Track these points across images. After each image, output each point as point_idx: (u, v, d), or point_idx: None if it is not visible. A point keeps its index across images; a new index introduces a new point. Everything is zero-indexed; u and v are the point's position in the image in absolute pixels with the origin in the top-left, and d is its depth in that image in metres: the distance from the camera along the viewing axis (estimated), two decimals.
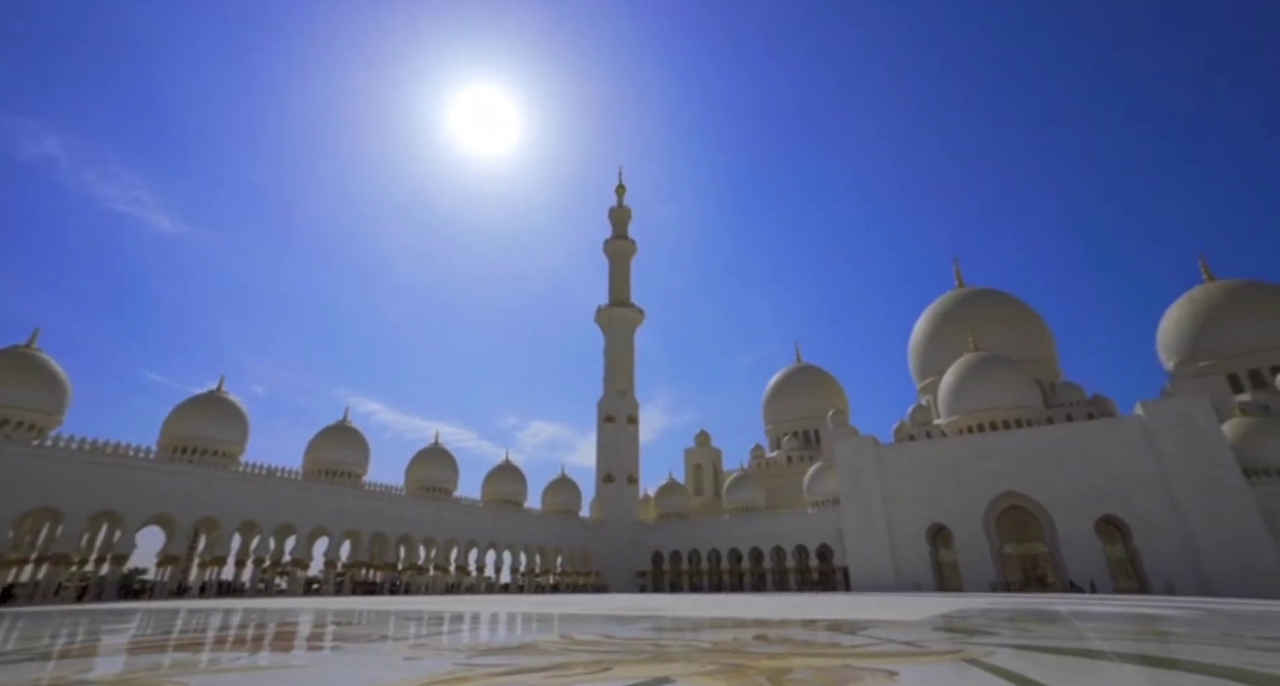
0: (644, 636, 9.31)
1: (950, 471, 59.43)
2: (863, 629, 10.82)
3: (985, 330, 75.97)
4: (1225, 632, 10.61)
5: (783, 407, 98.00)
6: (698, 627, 11.55)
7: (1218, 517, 47.52)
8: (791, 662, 6.09)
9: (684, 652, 7.06)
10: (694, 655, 6.78)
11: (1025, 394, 64.56)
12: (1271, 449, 52.26)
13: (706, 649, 7.41)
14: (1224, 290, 72.73)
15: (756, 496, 78.35)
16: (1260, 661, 6.34)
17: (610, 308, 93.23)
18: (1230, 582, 45.16)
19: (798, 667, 5.71)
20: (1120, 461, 52.57)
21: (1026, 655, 6.92)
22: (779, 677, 5.09)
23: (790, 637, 9.11)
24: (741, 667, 5.71)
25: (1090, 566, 50.96)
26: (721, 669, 5.66)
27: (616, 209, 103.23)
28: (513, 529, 66.46)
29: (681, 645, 8.01)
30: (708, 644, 8.03)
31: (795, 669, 5.63)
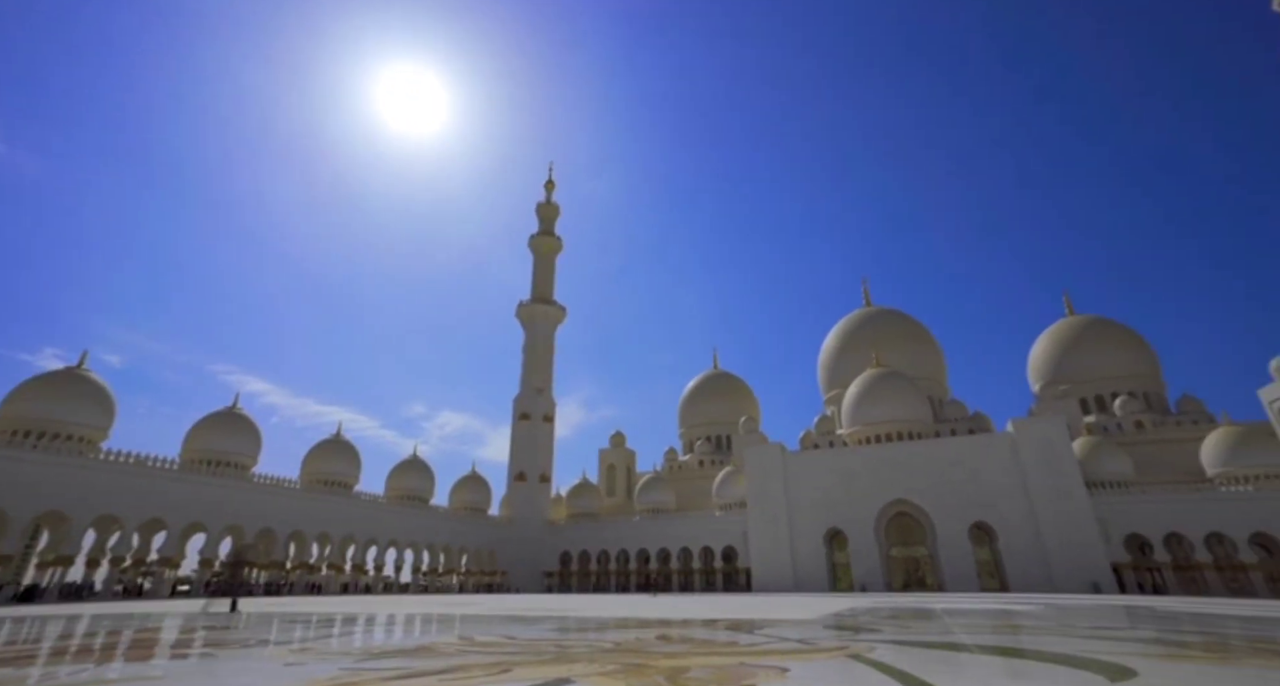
0: (547, 637, 9.23)
1: (848, 479, 63.32)
2: (760, 628, 11.29)
3: (887, 348, 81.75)
4: (1063, 624, 12.03)
5: (697, 412, 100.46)
6: (602, 628, 11.60)
7: (1063, 523, 53.80)
8: (690, 661, 6.25)
9: (586, 653, 7.07)
10: (596, 655, 6.81)
11: (918, 409, 70.06)
12: (1107, 464, 59.87)
13: (609, 649, 7.46)
14: (1081, 324, 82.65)
15: (667, 498, 79.75)
16: (1088, 648, 7.27)
17: (532, 304, 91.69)
18: (1070, 579, 51.34)
19: (695, 666, 5.88)
20: (992, 472, 58.27)
21: (903, 649, 7.51)
22: (677, 676, 5.22)
23: (691, 637, 9.35)
24: (641, 667, 5.80)
25: (962, 568, 56.06)
26: (622, 668, 5.72)
27: (544, 204, 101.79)
28: (417, 526, 63.64)
29: (584, 645, 8.01)
30: (610, 644, 8.08)
31: (693, 667, 5.79)
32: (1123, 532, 53.30)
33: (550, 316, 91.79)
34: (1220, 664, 6.21)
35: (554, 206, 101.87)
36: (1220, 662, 6.31)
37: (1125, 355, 77.12)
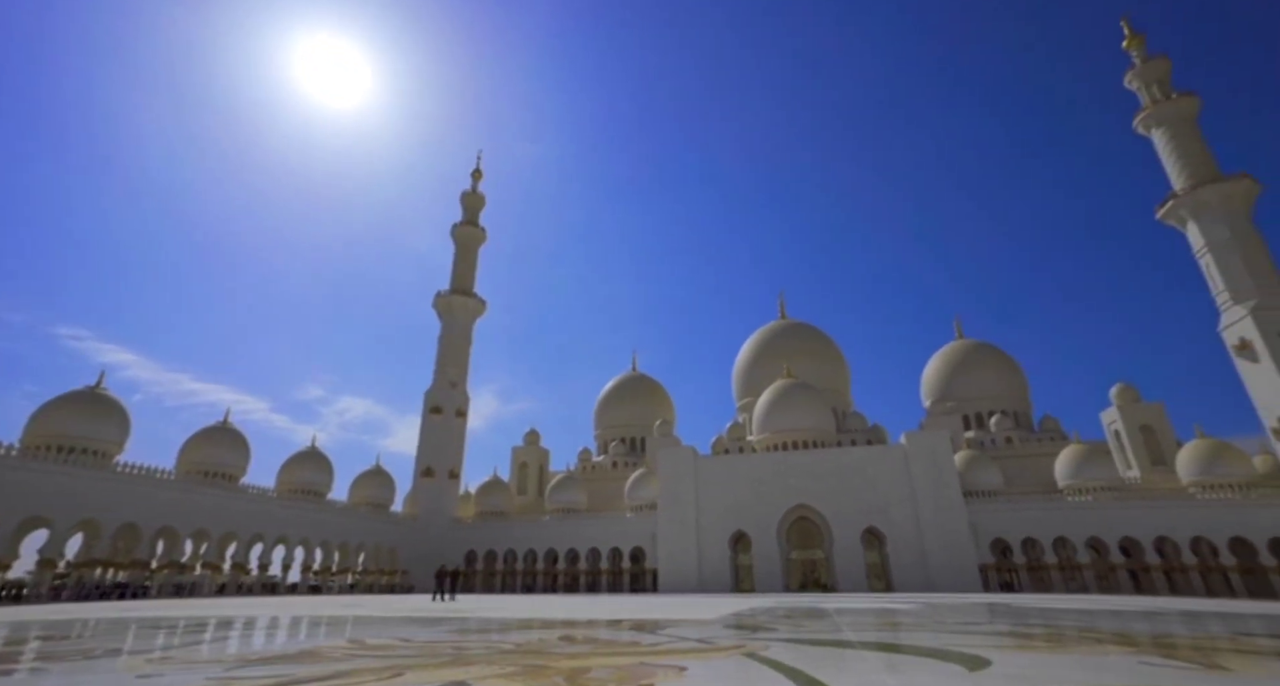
0: (445, 639, 8.92)
1: (755, 484, 65.84)
2: (663, 628, 11.49)
3: (798, 360, 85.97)
4: (935, 620, 13.14)
5: (614, 413, 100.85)
6: (505, 629, 11.37)
7: (942, 528, 58.84)
8: (591, 662, 6.26)
9: (485, 655, 6.90)
10: (495, 657, 6.66)
11: (823, 419, 74.13)
12: (981, 475, 66.15)
13: (509, 650, 7.32)
14: (967, 348, 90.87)
15: (579, 499, 79.41)
16: (955, 642, 8.00)
17: (451, 295, 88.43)
18: (945, 580, 56.19)
19: (596, 666, 5.90)
20: (886, 481, 62.64)
21: (795, 647, 7.91)
22: (577, 677, 5.22)
23: (595, 637, 9.37)
24: (541, 668, 5.74)
25: (854, 570, 59.83)
26: (521, 670, 5.64)
27: (470, 194, 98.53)
28: (310, 522, 59.35)
29: (484, 647, 7.81)
30: (511, 645, 7.94)
31: (594, 668, 5.81)
32: (989, 537, 58.96)
33: (469, 309, 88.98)
34: (1057, 652, 7.02)
35: (479, 196, 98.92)
36: (1057, 651, 7.13)
37: (1001, 377, 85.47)
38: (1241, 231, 58.95)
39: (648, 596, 45.00)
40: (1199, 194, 61.12)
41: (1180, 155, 64.52)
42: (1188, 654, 7.27)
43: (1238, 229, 59.02)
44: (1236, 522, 52.76)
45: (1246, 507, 53.04)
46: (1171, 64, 69.01)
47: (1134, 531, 55.34)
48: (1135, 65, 70.53)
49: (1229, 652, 7.39)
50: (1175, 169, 64.78)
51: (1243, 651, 7.56)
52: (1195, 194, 61.36)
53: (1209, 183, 61.23)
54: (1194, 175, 62.77)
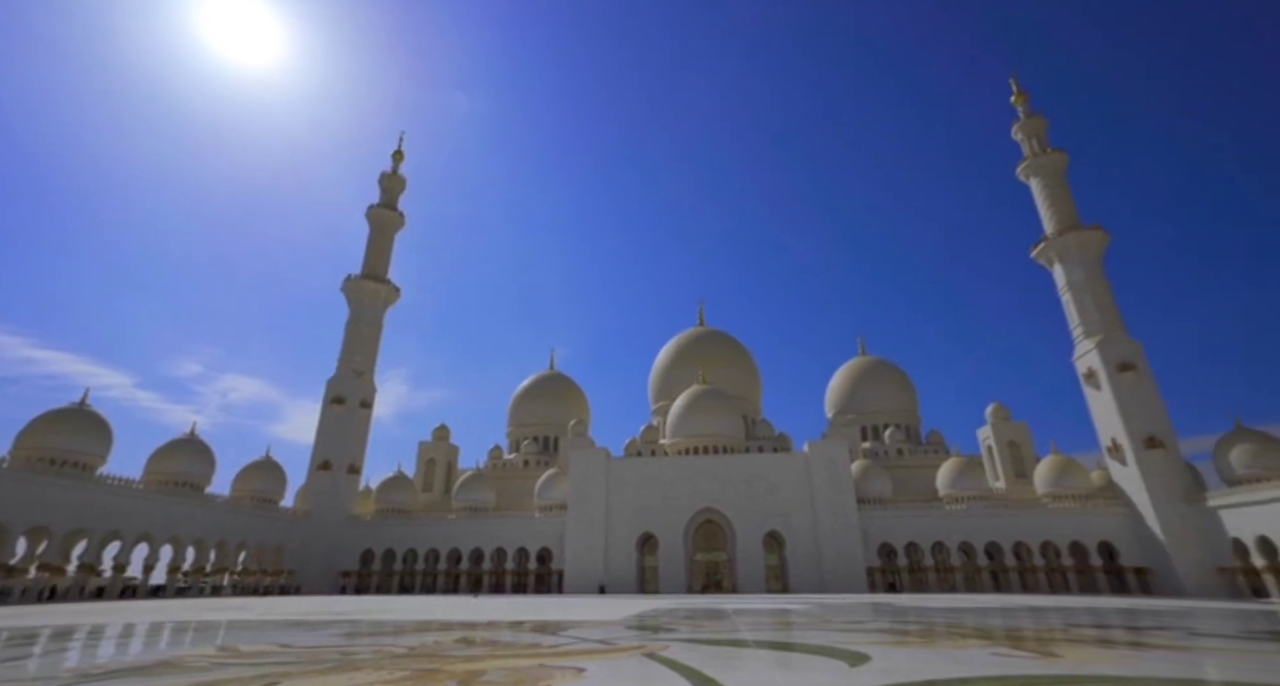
0: (331, 643, 8.38)
1: (665, 487, 66.99)
2: (566, 629, 11.42)
3: (713, 367, 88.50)
4: (825, 620, 13.96)
5: (528, 411, 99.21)
6: (399, 631, 10.85)
7: (837, 533, 62.58)
8: (487, 664, 6.12)
9: (374, 659, 6.56)
10: (385, 661, 6.35)
11: (734, 426, 76.71)
12: (873, 484, 71.07)
13: (401, 654, 7.00)
14: (869, 364, 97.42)
15: (488, 497, 77.33)
16: (841, 640, 8.54)
17: (361, 280, 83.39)
18: (837, 581, 59.81)
19: (492, 669, 5.77)
20: (788, 487, 65.73)
21: (693, 647, 8.12)
22: (471, 681, 5.08)
23: (495, 639, 9.15)
24: (433, 673, 5.54)
25: (754, 571, 62.28)
26: (412, 675, 5.42)
27: (390, 175, 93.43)
28: (182, 518, 53.53)
29: (374, 651, 7.42)
30: (404, 649, 7.59)
31: (489, 670, 5.68)
32: (877, 541, 63.39)
33: (381, 296, 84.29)
34: (927, 647, 7.67)
35: (400, 179, 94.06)
36: (927, 646, 7.79)
37: (897, 393, 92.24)
38: (1094, 275, 67.25)
39: (553, 597, 44.52)
40: (1063, 239, 69.15)
41: (1051, 203, 72.69)
42: (1031, 644, 8.18)
43: (1091, 272, 67.28)
44: (1075, 529, 60.00)
45: (1083, 516, 60.48)
46: (1048, 122, 77.72)
47: (997, 536, 61.48)
48: (1020, 119, 78.82)
49: (1062, 642, 8.41)
50: (1047, 215, 72.88)
51: (1072, 640, 8.62)
52: (1060, 239, 69.36)
53: (1071, 230, 69.42)
54: (1060, 222, 70.95)
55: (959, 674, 5.41)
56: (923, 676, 5.21)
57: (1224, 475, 55.21)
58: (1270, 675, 5.77)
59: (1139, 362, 61.17)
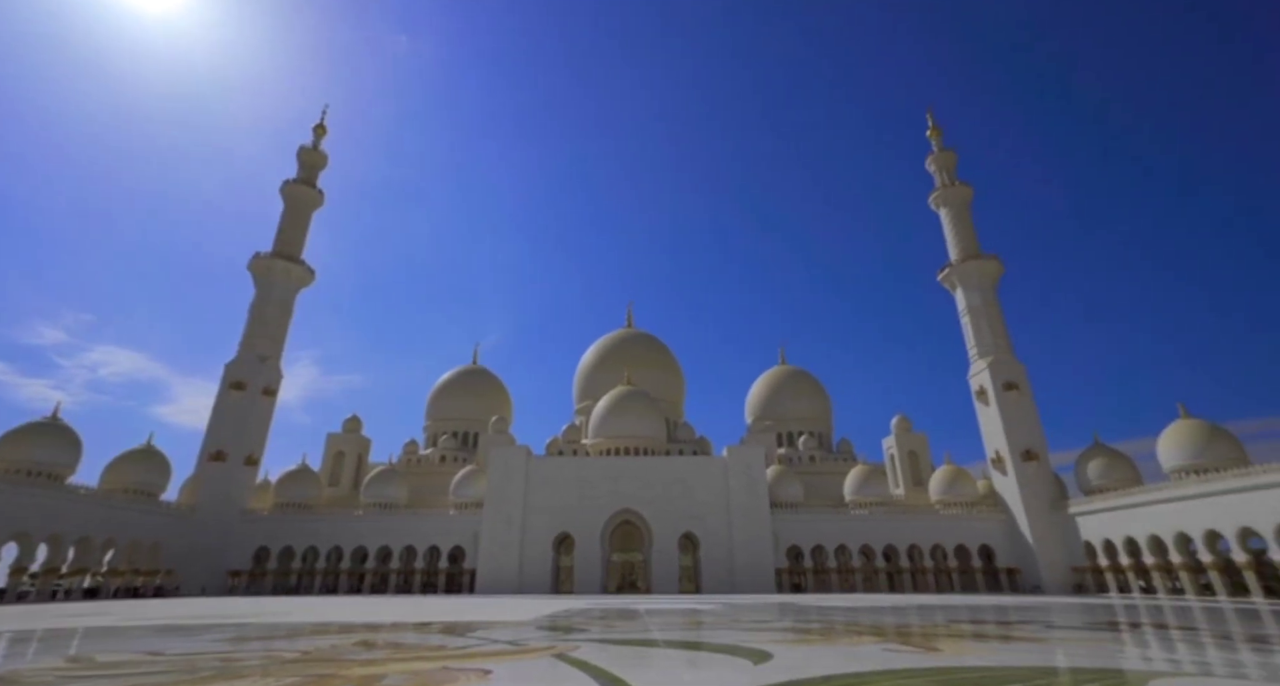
0: (212, 650, 7.73)
1: (585, 487, 66.76)
2: (475, 630, 11.13)
3: (638, 368, 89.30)
4: (733, 619, 14.41)
5: (448, 406, 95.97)
6: (294, 635, 10.17)
7: (749, 535, 64.79)
8: (388, 668, 5.87)
9: (260, 666, 6.11)
10: (273, 668, 5.93)
11: (656, 428, 77.67)
12: (786, 489, 74.19)
13: (292, 660, 6.57)
14: (787, 373, 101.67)
15: (399, 493, 73.99)
16: (746, 638, 8.85)
17: (272, 258, 77.49)
18: (747, 582, 61.88)
19: (393, 673, 5.54)
20: (706, 490, 67.31)
21: (604, 647, 8.14)
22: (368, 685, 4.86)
23: (399, 642, 8.78)
24: (326, 679, 5.25)
25: (669, 572, 63.27)
26: (303, 681, 5.10)
27: (309, 150, 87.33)
28: (31, 511, 47.39)
29: (262, 657, 6.91)
30: (296, 653, 7.12)
31: (390, 675, 5.45)
32: (786, 544, 66.18)
33: (293, 277, 78.75)
34: (826, 644, 8.10)
35: (321, 155, 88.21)
36: (826, 643, 8.22)
37: (813, 402, 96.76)
38: (989, 300, 73.64)
39: (465, 597, 43.20)
40: (964, 266, 75.29)
41: (956, 232, 78.94)
42: (917, 640, 8.82)
43: (986, 298, 73.64)
44: (961, 533, 65.41)
45: (968, 521, 66.03)
46: (958, 157, 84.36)
47: (894, 540, 65.87)
48: (934, 152, 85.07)
49: (943, 637, 9.14)
50: (952, 243, 79.08)
51: (952, 635, 9.39)
52: (962, 266, 75.48)
53: (972, 258, 75.71)
54: (963, 250, 77.19)
55: (853, 668, 5.75)
56: (820, 672, 5.49)
57: (1083, 486, 61.85)
58: (1103, 659, 6.63)
59: (1022, 382, 67.40)
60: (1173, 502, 48.62)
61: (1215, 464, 50.27)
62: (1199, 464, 51.52)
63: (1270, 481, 41.48)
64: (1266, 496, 41.70)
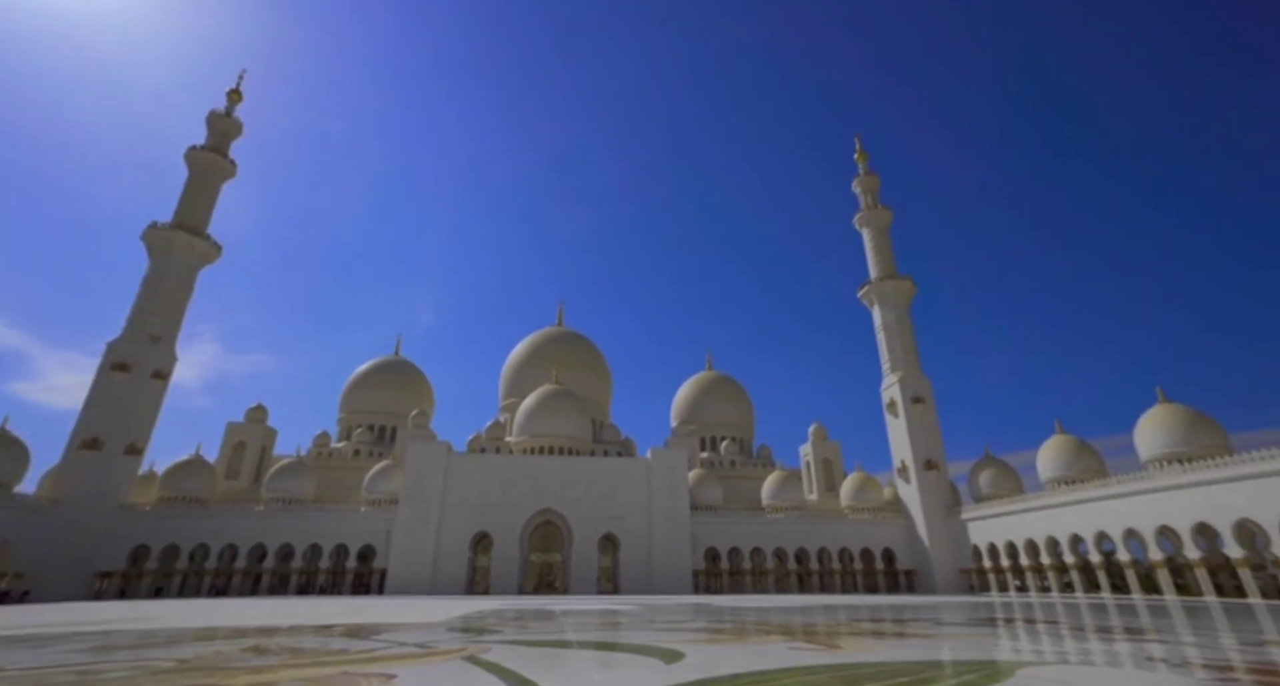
0: (65, 663, 6.93)
1: (507, 485, 65.47)
2: (382, 632, 10.64)
3: (567, 367, 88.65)
4: (648, 620, 14.56)
5: (365, 397, 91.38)
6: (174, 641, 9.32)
7: (668, 537, 65.79)
8: (280, 675, 5.49)
9: (127, 677, 5.55)
10: (141, 680, 5.40)
11: (582, 427, 77.30)
12: (707, 492, 76.00)
13: (167, 670, 6.00)
14: (713, 378, 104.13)
15: (306, 488, 69.58)
16: (660, 638, 8.97)
17: (173, 230, 70.76)
18: (664, 583, 62.75)
19: (286, 681, 5.19)
20: (628, 491, 67.69)
21: (516, 648, 8.00)
22: None
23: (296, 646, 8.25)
24: None
25: (587, 573, 63.09)
26: None
27: (221, 116, 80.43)
28: None
29: (131, 668, 6.27)
30: (173, 663, 6.52)
31: (282, 682, 5.10)
32: (704, 546, 67.68)
33: (196, 252, 72.30)
34: (737, 643, 8.34)
35: (235, 122, 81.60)
36: (737, 643, 8.47)
37: (736, 407, 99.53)
38: (902, 318, 78.68)
39: (373, 598, 41.11)
40: (881, 285, 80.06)
41: (876, 252, 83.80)
42: (822, 638, 9.26)
43: (900, 316, 78.64)
44: (866, 537, 69.41)
45: (874, 526, 70.16)
46: (881, 180, 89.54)
47: (806, 543, 68.86)
48: (860, 175, 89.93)
49: (845, 635, 9.66)
50: (872, 262, 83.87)
51: (853, 633, 9.94)
52: (880, 285, 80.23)
53: (889, 278, 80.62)
54: (882, 270, 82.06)
55: (760, 666, 5.95)
56: (729, 670, 5.65)
57: (974, 494, 67.21)
58: (981, 652, 7.26)
59: (927, 397, 72.35)
60: (1046, 510, 53.76)
61: (1082, 475, 56.13)
62: (1069, 475, 57.31)
63: (1121, 491, 46.80)
64: (1117, 504, 46.99)
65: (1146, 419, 51.22)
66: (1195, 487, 41.42)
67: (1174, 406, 50.59)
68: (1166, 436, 49.17)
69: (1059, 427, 61.68)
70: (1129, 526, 45.99)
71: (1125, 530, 46.37)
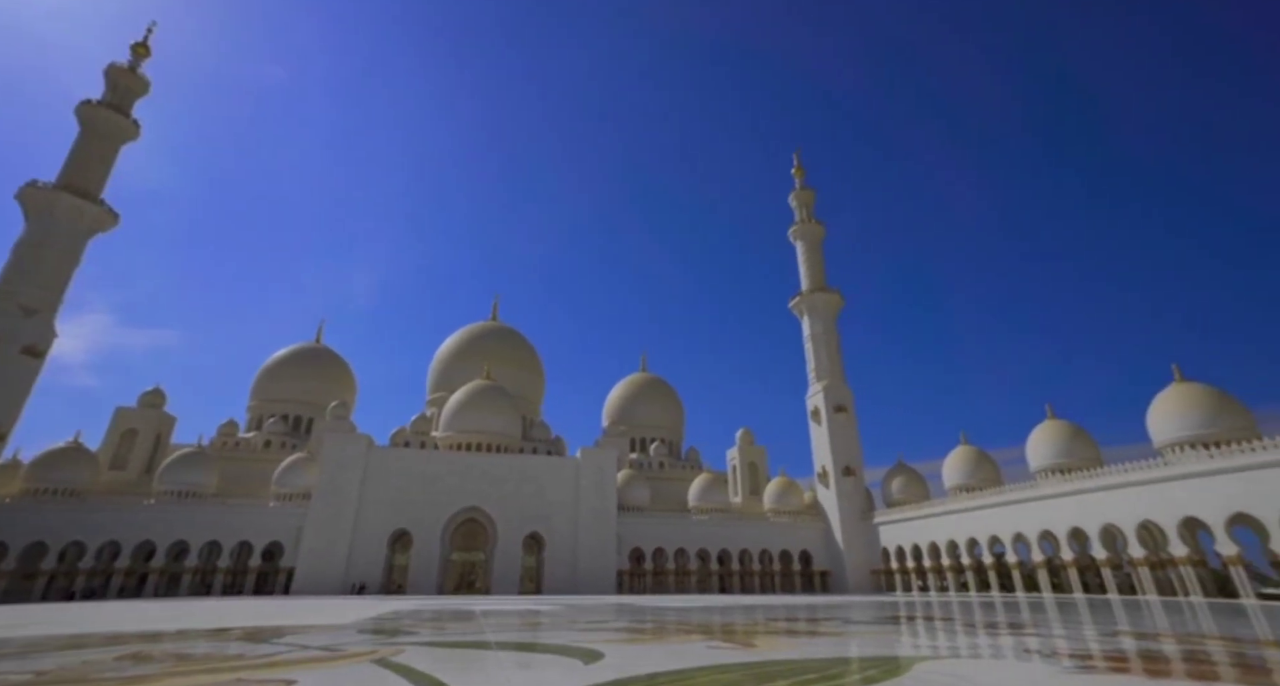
0: None
1: (431, 482, 63.26)
2: (285, 635, 10.01)
3: (499, 363, 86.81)
4: (570, 620, 14.47)
5: (280, 385, 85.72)
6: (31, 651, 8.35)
7: (595, 537, 65.71)
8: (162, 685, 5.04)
9: None
10: None
11: (511, 425, 75.86)
12: (635, 493, 76.55)
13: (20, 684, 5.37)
14: (646, 380, 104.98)
15: (208, 480, 64.43)
16: (581, 639, 8.93)
17: (57, 191, 63.35)
18: (589, 583, 62.58)
19: None
20: (556, 490, 67.04)
21: (431, 650, 7.73)
22: None
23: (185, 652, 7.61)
24: None
25: (510, 572, 61.89)
26: None
27: (123, 70, 72.25)
28: None
29: None
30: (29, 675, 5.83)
31: None
32: (630, 546, 68.03)
33: (86, 218, 65.13)
34: (656, 643, 8.43)
35: (139, 79, 74.05)
36: (657, 642, 8.56)
37: (667, 410, 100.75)
38: (829, 329, 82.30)
39: (279, 599, 38.52)
40: (811, 297, 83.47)
41: (808, 265, 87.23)
42: (739, 637, 9.52)
43: (827, 327, 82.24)
44: (786, 539, 72.06)
45: (794, 529, 72.96)
46: (815, 195, 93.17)
47: (728, 544, 70.64)
48: (796, 189, 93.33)
49: (761, 633, 9.97)
50: (804, 274, 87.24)
51: (769, 632, 10.28)
52: (810, 297, 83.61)
53: (819, 290, 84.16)
54: (812, 282, 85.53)
55: (678, 666, 6.04)
56: (647, 670, 5.69)
57: (887, 499, 71.19)
58: (886, 648, 7.71)
59: (849, 406, 75.94)
60: (948, 515, 57.73)
61: (981, 484, 60.68)
62: (970, 483, 61.82)
63: (1012, 499, 51.11)
64: (1008, 511, 51.26)
65: (1037, 432, 56.10)
66: (1072, 496, 45.79)
67: (1059, 422, 55.70)
68: (1053, 448, 54.07)
69: (963, 438, 66.42)
70: (1018, 531, 50.18)
71: (1014, 534, 50.56)
